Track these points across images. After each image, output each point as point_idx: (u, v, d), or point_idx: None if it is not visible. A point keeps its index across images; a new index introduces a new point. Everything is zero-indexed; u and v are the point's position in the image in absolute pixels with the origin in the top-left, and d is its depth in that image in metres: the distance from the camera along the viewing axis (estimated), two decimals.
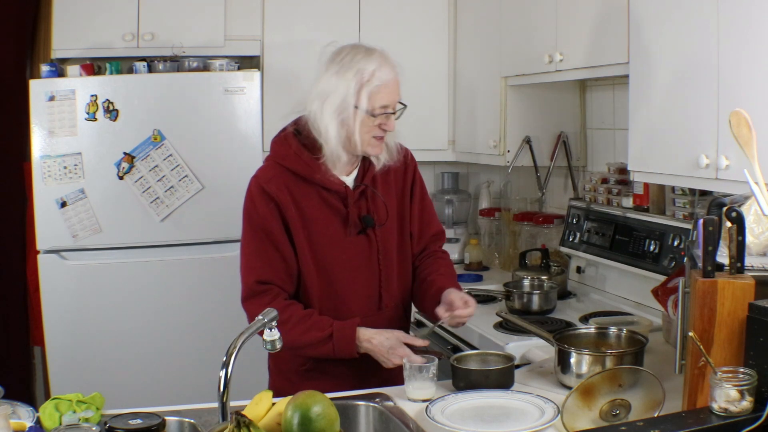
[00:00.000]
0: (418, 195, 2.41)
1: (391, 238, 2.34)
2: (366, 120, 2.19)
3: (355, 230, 2.28)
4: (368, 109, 2.18)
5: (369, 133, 2.21)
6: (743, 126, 1.79)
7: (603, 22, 2.76)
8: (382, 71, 2.19)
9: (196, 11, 3.67)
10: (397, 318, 2.38)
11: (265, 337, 1.84)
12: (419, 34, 3.93)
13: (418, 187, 2.42)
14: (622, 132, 3.10)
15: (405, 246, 2.39)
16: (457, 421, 1.86)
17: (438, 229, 2.48)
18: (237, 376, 1.69)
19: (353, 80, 2.17)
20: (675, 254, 2.81)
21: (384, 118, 2.21)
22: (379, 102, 2.19)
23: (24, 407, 1.90)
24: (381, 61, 2.21)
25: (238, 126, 3.55)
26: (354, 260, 2.28)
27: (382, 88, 2.19)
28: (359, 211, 2.29)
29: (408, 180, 2.39)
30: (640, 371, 1.83)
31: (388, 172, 2.35)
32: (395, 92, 2.23)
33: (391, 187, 2.35)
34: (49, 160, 3.39)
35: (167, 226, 3.50)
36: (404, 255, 2.39)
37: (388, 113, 2.22)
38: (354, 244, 2.28)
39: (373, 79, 2.18)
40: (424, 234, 2.43)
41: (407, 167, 2.40)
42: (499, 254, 4.03)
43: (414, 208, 2.40)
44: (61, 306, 3.43)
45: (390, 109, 2.22)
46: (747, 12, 2.07)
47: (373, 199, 2.31)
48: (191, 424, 1.88)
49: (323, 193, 2.25)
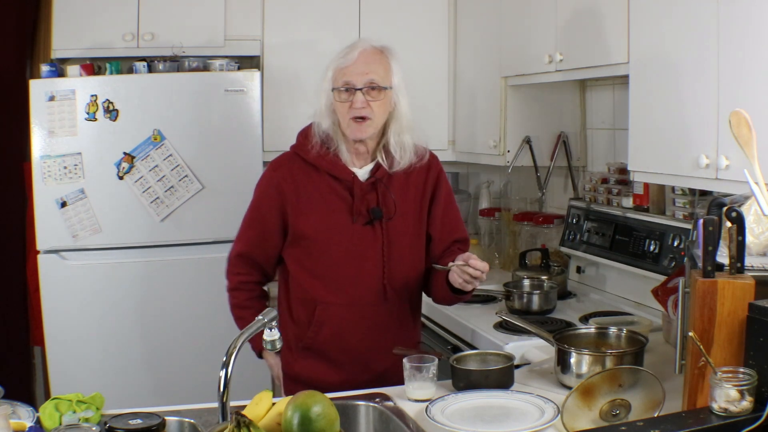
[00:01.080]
0: (442, 199, 2.44)
1: (404, 235, 2.37)
2: (336, 99, 2.28)
3: (361, 220, 2.33)
4: (333, 87, 2.28)
5: (346, 114, 2.28)
6: (743, 126, 1.79)
7: (603, 22, 2.76)
8: (353, 52, 2.28)
9: (196, 11, 3.67)
10: (402, 312, 2.41)
11: (265, 337, 1.84)
12: (419, 34, 3.93)
13: (442, 191, 2.45)
14: (622, 132, 3.10)
15: (419, 246, 2.42)
16: (457, 421, 1.86)
17: (462, 236, 2.50)
18: (237, 376, 1.69)
19: (329, 67, 2.31)
20: (675, 254, 2.81)
21: (348, 95, 2.26)
22: (341, 78, 2.27)
23: (24, 407, 1.90)
24: (354, 46, 2.30)
25: (238, 126, 3.54)
26: (358, 248, 2.33)
27: (346, 67, 2.27)
28: (368, 203, 2.33)
29: (429, 183, 2.43)
30: (640, 371, 1.83)
31: (410, 173, 2.39)
32: (363, 72, 2.26)
33: (409, 187, 2.39)
34: (49, 160, 3.39)
35: (167, 226, 3.50)
36: (417, 254, 2.41)
37: (351, 89, 2.25)
38: (359, 233, 2.33)
39: (340, 59, 2.29)
40: (446, 238, 2.45)
41: (430, 170, 2.44)
42: (499, 254, 4.03)
43: (435, 211, 2.43)
44: (61, 306, 3.43)
45: (354, 85, 2.25)
46: (747, 12, 2.07)
47: (384, 193, 2.34)
48: (191, 424, 1.88)
49: (331, 182, 2.32)
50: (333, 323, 2.34)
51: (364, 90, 2.26)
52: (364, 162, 2.37)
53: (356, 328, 2.34)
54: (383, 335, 2.36)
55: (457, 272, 2.22)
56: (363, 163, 2.37)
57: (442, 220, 2.44)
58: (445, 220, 2.45)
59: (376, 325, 2.36)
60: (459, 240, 2.48)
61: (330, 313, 2.34)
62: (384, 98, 2.29)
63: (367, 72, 2.27)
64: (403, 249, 2.37)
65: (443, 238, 2.45)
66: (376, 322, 2.36)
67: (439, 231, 2.44)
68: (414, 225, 2.40)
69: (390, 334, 2.37)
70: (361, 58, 2.28)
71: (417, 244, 2.41)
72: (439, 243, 2.44)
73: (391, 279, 2.35)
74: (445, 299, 2.43)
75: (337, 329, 2.34)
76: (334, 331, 2.34)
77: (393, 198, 2.35)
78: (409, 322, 2.44)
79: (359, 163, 2.36)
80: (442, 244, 2.45)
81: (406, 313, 2.43)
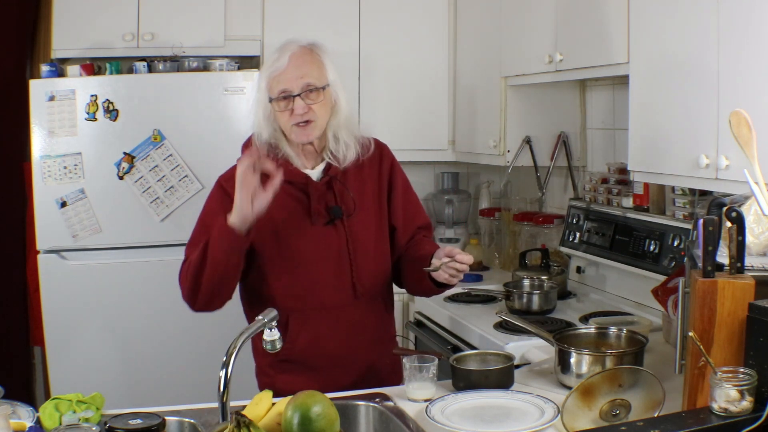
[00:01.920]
0: (399, 188, 2.40)
1: (366, 230, 2.33)
2: (276, 109, 2.24)
3: (321, 220, 2.28)
4: (270, 97, 2.24)
5: (288, 121, 2.24)
6: (743, 126, 1.79)
7: (603, 22, 2.76)
8: (282, 57, 2.23)
9: (196, 11, 3.67)
10: (376, 309, 2.36)
11: (265, 337, 1.85)
12: (419, 34, 3.93)
13: (398, 180, 2.41)
14: (622, 132, 3.10)
15: (383, 239, 2.38)
16: (457, 421, 1.86)
17: (425, 221, 2.46)
18: (237, 376, 1.69)
19: (262, 77, 2.27)
20: (675, 254, 2.81)
21: (286, 103, 2.22)
22: (276, 87, 2.23)
23: (24, 407, 1.90)
24: (283, 50, 2.25)
25: (238, 126, 3.53)
26: (322, 250, 2.29)
27: (278, 75, 2.23)
28: (326, 203, 2.29)
29: (384, 173, 2.38)
30: (640, 371, 1.83)
31: (361, 166, 2.34)
32: (297, 76, 2.21)
33: (365, 181, 2.35)
34: (49, 160, 3.39)
35: (167, 226, 3.50)
36: (382, 247, 2.37)
37: (289, 97, 2.21)
38: (321, 234, 2.29)
39: (271, 68, 2.24)
40: (409, 226, 2.41)
41: (382, 161, 2.39)
42: (499, 254, 4.03)
43: (395, 201, 2.39)
44: (61, 306, 3.43)
45: (291, 92, 2.21)
46: (747, 12, 2.07)
47: (341, 191, 2.31)
48: (191, 424, 1.88)
49: (285, 186, 2.24)
50: (308, 330, 2.28)
51: (302, 95, 2.21)
52: (315, 162, 2.32)
53: (332, 332, 2.29)
54: (360, 334, 2.31)
55: (443, 268, 2.17)
56: (314, 164, 2.32)
57: (403, 208, 2.40)
58: (407, 207, 2.41)
59: (352, 325, 2.30)
60: (422, 226, 2.44)
61: (303, 320, 2.28)
62: (324, 98, 2.24)
63: (302, 75, 2.21)
64: (368, 244, 2.33)
65: (406, 227, 2.40)
66: (350, 322, 2.30)
67: (402, 221, 2.39)
68: (376, 219, 2.35)
69: (367, 332, 2.33)
70: (293, 61, 2.22)
71: (381, 238, 2.37)
72: (403, 232, 2.40)
73: (359, 277, 2.30)
74: (426, 292, 2.37)
75: (313, 336, 2.28)
76: (310, 338, 2.28)
77: (351, 194, 2.31)
78: (384, 317, 2.40)
79: (310, 163, 2.32)
80: (407, 234, 2.40)
81: (379, 309, 2.38)
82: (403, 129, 3.84)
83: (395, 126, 3.78)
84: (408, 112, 3.90)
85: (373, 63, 3.88)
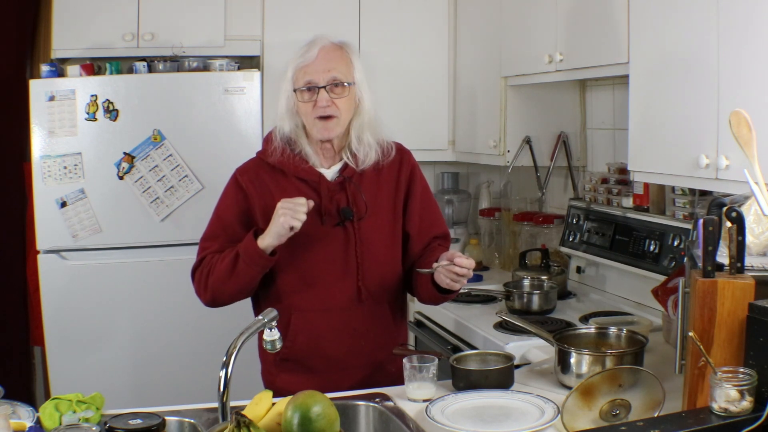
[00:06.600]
0: (418, 195, 2.37)
1: (378, 234, 2.30)
2: (299, 100, 2.23)
3: (331, 221, 2.27)
4: (294, 87, 2.24)
5: (310, 114, 2.23)
6: (743, 126, 1.79)
7: (603, 22, 2.76)
8: (312, 50, 2.24)
9: (196, 11, 3.67)
10: (380, 314, 2.32)
11: (265, 337, 1.85)
12: (419, 34, 3.93)
13: (417, 187, 2.38)
14: (622, 132, 3.10)
15: (395, 245, 2.35)
16: (457, 421, 1.86)
17: (442, 231, 2.42)
18: (237, 376, 1.69)
19: (289, 67, 2.27)
20: (675, 254, 2.81)
21: (311, 94, 2.22)
22: (303, 78, 2.23)
23: (24, 407, 1.90)
24: (313, 43, 2.26)
25: (238, 126, 3.55)
26: (329, 250, 2.27)
27: (306, 65, 2.23)
28: (338, 203, 2.28)
29: (403, 179, 2.36)
30: (640, 371, 1.83)
31: (380, 170, 2.33)
32: (325, 69, 2.22)
33: (381, 185, 2.33)
34: (49, 160, 3.39)
35: (167, 226, 3.50)
36: (393, 253, 2.34)
37: (314, 88, 2.21)
38: (330, 234, 2.27)
39: (300, 58, 2.25)
40: (425, 234, 2.37)
41: (402, 166, 2.37)
42: (499, 254, 4.03)
43: (412, 208, 2.36)
44: (61, 306, 3.43)
45: (317, 84, 2.21)
46: (747, 12, 2.07)
47: (354, 192, 2.29)
48: (191, 424, 1.88)
49: (299, 184, 2.26)
50: (308, 330, 2.27)
51: (327, 87, 2.21)
52: (332, 162, 2.31)
53: (332, 334, 2.27)
54: (361, 339, 2.28)
55: (443, 272, 2.15)
56: (331, 163, 2.31)
57: (419, 216, 2.37)
58: (423, 215, 2.38)
59: (353, 329, 2.28)
60: (438, 236, 2.40)
61: (304, 320, 2.26)
62: (348, 95, 2.24)
63: (329, 69, 2.22)
64: (378, 249, 2.30)
65: (422, 234, 2.37)
66: (352, 326, 2.28)
67: (417, 228, 2.36)
68: (389, 224, 2.32)
69: (369, 337, 2.29)
70: (321, 54, 2.23)
71: (393, 244, 2.34)
72: (417, 240, 2.36)
73: (365, 281, 2.27)
74: (432, 300, 2.34)
75: (313, 336, 2.27)
76: (310, 339, 2.27)
77: (363, 197, 2.29)
78: (389, 324, 2.34)
79: (327, 163, 2.30)
80: (421, 242, 2.37)
81: (385, 315, 2.33)
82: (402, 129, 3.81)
83: (395, 126, 3.76)
84: (408, 112, 3.90)
85: (373, 63, 3.87)
